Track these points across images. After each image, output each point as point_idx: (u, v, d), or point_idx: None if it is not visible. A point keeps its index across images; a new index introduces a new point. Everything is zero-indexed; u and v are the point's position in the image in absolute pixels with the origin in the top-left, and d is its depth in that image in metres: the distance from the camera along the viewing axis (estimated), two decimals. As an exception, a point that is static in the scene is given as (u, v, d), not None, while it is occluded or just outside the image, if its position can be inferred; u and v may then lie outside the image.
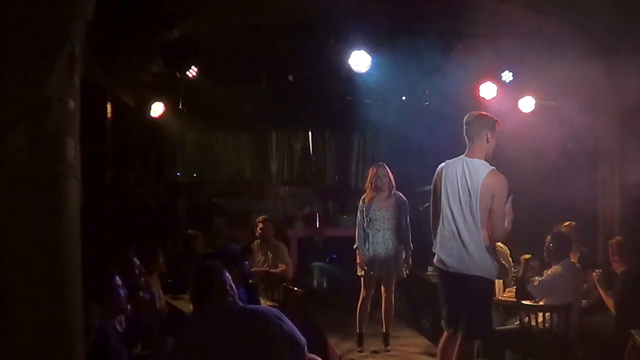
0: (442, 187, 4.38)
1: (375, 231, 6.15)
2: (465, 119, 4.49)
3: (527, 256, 5.43)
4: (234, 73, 7.98)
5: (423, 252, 5.76)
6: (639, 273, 5.46)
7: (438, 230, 4.42)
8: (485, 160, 4.42)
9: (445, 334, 4.54)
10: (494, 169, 4.34)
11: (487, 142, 4.42)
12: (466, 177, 4.30)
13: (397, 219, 6.16)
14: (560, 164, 7.17)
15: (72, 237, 2.18)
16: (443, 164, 4.47)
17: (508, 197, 4.32)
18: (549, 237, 5.51)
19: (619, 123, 6.76)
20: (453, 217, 4.32)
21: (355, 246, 6.26)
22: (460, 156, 4.45)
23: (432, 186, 4.53)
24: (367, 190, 6.30)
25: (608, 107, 6.94)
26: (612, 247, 5.71)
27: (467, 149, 4.45)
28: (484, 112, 4.58)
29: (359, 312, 6.24)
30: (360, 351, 6.22)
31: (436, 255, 4.48)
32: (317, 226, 9.78)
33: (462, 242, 4.27)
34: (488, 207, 4.24)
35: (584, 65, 6.61)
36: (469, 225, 4.27)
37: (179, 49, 6.87)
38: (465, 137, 4.46)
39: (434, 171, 4.60)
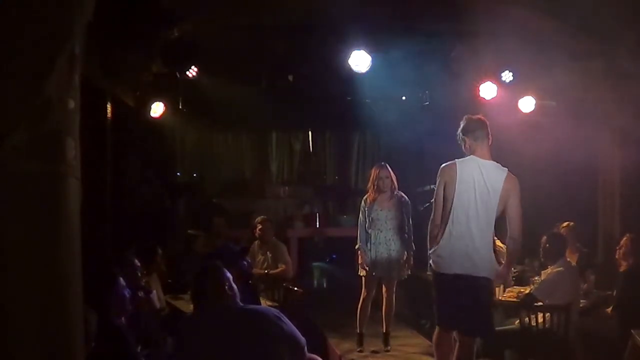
0: (456, 187, 4.31)
1: (377, 231, 6.14)
2: (467, 123, 4.47)
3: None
4: (234, 73, 7.99)
5: (423, 252, 5.76)
6: (639, 272, 5.46)
7: (446, 229, 4.34)
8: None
9: (437, 331, 4.55)
10: (508, 170, 4.38)
11: (490, 143, 4.46)
12: (484, 178, 4.29)
13: (399, 219, 6.16)
14: (560, 164, 7.17)
15: (72, 237, 2.17)
16: (454, 162, 4.40)
17: None
18: (544, 238, 5.52)
19: (619, 123, 6.76)
20: (467, 217, 4.29)
21: (357, 247, 6.26)
22: (471, 156, 4.40)
23: (440, 185, 4.41)
24: (369, 190, 6.28)
25: (608, 107, 6.93)
26: (627, 241, 5.61)
27: (473, 150, 4.41)
28: (482, 116, 4.57)
29: (360, 312, 6.24)
30: (360, 351, 6.22)
31: (434, 258, 4.41)
32: (317, 226, 9.79)
33: (474, 242, 4.27)
34: (502, 208, 4.32)
35: (585, 65, 6.62)
36: (482, 226, 4.29)
37: (179, 49, 6.87)
38: (470, 140, 4.42)
39: (434, 171, 4.55)
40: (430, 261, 4.49)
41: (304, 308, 6.34)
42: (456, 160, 4.41)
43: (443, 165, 4.46)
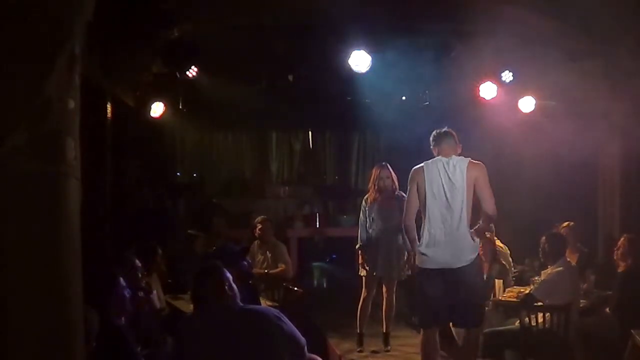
0: (426, 187, 4.65)
1: (379, 231, 6.13)
2: (434, 135, 4.85)
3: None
4: (234, 73, 7.98)
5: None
6: (638, 272, 5.45)
7: (425, 229, 4.65)
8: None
9: (424, 336, 4.72)
10: (470, 159, 4.68)
11: (459, 152, 4.81)
12: (448, 172, 4.63)
13: (399, 220, 6.15)
14: (560, 164, 7.17)
15: (72, 237, 2.17)
16: (421, 165, 4.75)
17: None
18: (544, 238, 5.50)
19: (619, 122, 6.76)
20: (441, 213, 4.61)
21: (357, 246, 6.25)
22: (437, 157, 4.76)
23: (412, 187, 4.75)
24: (370, 190, 6.28)
25: (608, 107, 6.93)
26: (624, 242, 5.61)
27: (439, 153, 4.77)
28: (449, 129, 4.91)
29: (360, 312, 6.24)
30: (360, 351, 6.21)
31: (422, 256, 4.65)
32: (317, 226, 9.77)
33: (452, 235, 4.56)
34: (472, 194, 4.60)
35: (584, 65, 6.61)
36: (456, 218, 4.58)
37: (179, 49, 6.86)
38: (437, 149, 4.80)
39: None
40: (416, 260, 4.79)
41: (304, 308, 6.34)
42: (425, 162, 4.77)
43: (413, 168, 4.83)
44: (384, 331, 6.30)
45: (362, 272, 6.21)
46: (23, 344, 2.04)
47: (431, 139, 4.89)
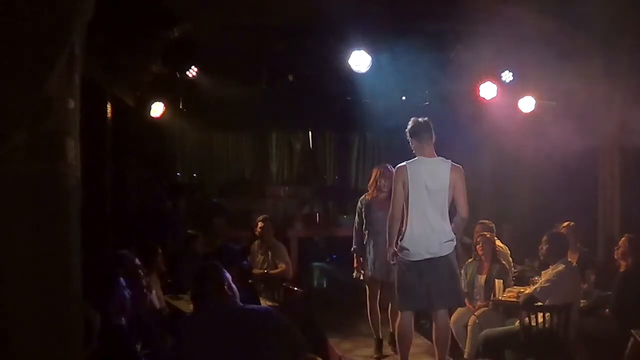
0: (409, 188, 4.86)
1: (375, 233, 6.02)
2: (413, 125, 5.00)
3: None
4: (234, 73, 7.98)
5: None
6: (638, 272, 5.45)
7: (407, 226, 4.87)
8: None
9: (401, 319, 5.03)
10: (451, 162, 4.91)
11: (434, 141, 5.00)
12: (432, 175, 4.86)
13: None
14: (560, 164, 7.17)
15: (72, 237, 2.18)
16: (404, 165, 4.92)
17: None
18: (545, 237, 5.48)
19: (619, 122, 6.76)
20: (423, 212, 4.85)
21: (352, 249, 6.18)
22: (418, 158, 4.94)
23: (398, 185, 4.91)
24: (370, 190, 6.20)
25: (608, 107, 6.94)
26: (624, 242, 5.60)
27: (420, 151, 4.95)
28: (427, 119, 5.08)
29: (371, 318, 6.12)
30: (377, 358, 6.11)
31: (404, 250, 4.89)
32: (317, 226, 9.77)
33: (433, 231, 4.84)
34: (452, 195, 4.88)
35: (584, 65, 6.61)
36: (437, 217, 4.86)
37: (179, 49, 6.86)
38: (415, 142, 4.96)
39: None
40: (400, 253, 4.97)
41: (304, 308, 6.34)
42: (405, 162, 4.94)
43: (396, 167, 5.01)
44: (384, 331, 6.28)
45: (359, 276, 6.16)
46: (23, 343, 2.04)
47: (409, 128, 5.00)
